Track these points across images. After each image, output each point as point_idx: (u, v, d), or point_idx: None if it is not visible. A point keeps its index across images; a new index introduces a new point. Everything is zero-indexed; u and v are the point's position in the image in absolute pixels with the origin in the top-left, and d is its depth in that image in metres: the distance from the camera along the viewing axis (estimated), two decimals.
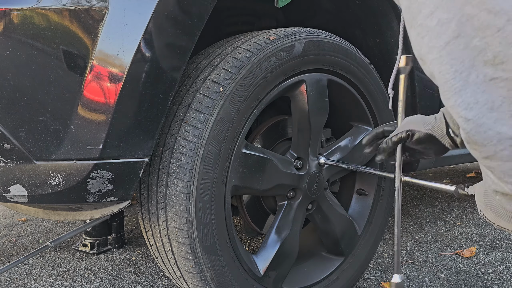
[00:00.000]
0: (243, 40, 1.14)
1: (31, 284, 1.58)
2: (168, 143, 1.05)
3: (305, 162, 1.28)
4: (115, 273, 1.67)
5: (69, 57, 0.89)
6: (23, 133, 0.90)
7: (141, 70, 0.93)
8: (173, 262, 1.11)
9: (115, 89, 0.91)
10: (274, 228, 1.26)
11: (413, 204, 2.67)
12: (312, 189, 1.28)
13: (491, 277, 1.61)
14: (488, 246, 1.92)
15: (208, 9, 1.02)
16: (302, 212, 1.30)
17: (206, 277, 1.07)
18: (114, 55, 0.90)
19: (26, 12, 0.87)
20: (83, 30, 0.89)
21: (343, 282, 1.42)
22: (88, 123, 0.91)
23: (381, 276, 1.62)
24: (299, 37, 1.17)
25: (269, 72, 1.11)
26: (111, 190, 0.97)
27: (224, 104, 1.04)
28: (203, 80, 1.07)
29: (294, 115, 1.26)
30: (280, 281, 1.25)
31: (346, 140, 1.42)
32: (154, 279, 1.61)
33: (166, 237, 1.08)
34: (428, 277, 1.61)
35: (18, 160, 0.92)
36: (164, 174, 1.04)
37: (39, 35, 0.87)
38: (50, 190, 0.94)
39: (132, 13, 0.92)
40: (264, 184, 1.17)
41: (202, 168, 1.02)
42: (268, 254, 1.22)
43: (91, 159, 0.93)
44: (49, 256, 1.85)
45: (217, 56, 1.11)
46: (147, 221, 1.13)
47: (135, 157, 0.97)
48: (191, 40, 0.99)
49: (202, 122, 1.02)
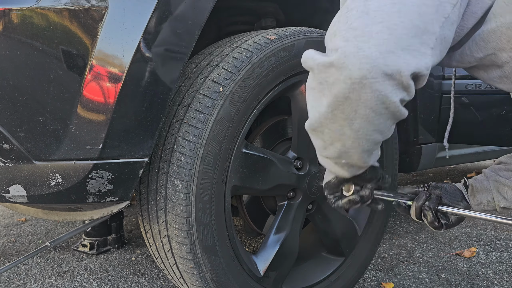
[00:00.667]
0: (243, 40, 1.14)
1: (30, 284, 1.58)
2: (168, 143, 1.05)
3: (305, 162, 1.27)
4: (114, 274, 1.66)
5: (69, 57, 0.88)
6: (23, 133, 0.90)
7: (140, 70, 0.92)
8: (173, 263, 1.11)
9: (114, 89, 0.91)
10: (274, 229, 1.25)
11: None
12: (312, 189, 1.28)
13: (491, 277, 1.61)
14: (489, 246, 1.92)
15: (208, 8, 1.02)
16: (302, 213, 1.30)
17: (206, 278, 1.07)
18: (114, 55, 0.90)
19: (25, 12, 0.86)
20: (83, 30, 0.89)
21: (343, 282, 1.42)
22: (87, 123, 0.91)
23: (381, 276, 1.62)
24: (299, 37, 1.17)
25: (269, 72, 1.11)
26: (111, 190, 0.96)
27: (224, 104, 1.04)
28: (203, 80, 1.06)
29: (294, 115, 1.26)
30: (280, 281, 1.25)
31: None
32: (153, 279, 1.61)
33: (166, 238, 1.08)
34: (428, 278, 1.61)
35: (17, 160, 0.92)
36: (164, 174, 1.04)
37: (39, 35, 0.87)
38: (49, 190, 0.94)
39: (132, 13, 0.91)
40: (264, 184, 1.17)
41: (202, 168, 1.02)
42: (268, 255, 1.22)
43: (90, 159, 0.93)
44: (48, 257, 1.85)
45: (217, 56, 1.11)
46: (146, 222, 1.12)
47: (135, 157, 0.97)
48: (191, 39, 0.99)
49: (202, 122, 1.02)
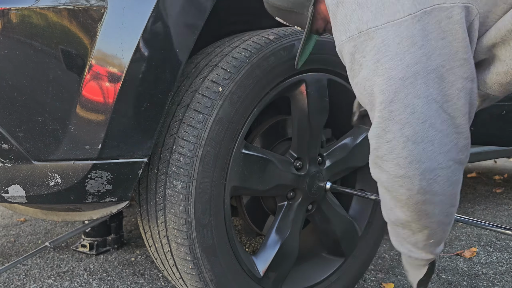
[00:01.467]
0: (242, 40, 1.13)
1: (30, 284, 1.57)
2: (167, 144, 1.04)
3: (305, 163, 1.27)
4: (114, 274, 1.66)
5: (68, 56, 0.88)
6: (22, 133, 0.90)
7: (140, 70, 0.92)
8: (172, 263, 1.11)
9: (113, 89, 0.91)
10: (274, 229, 1.25)
11: None
12: (312, 189, 1.28)
13: (492, 277, 1.60)
14: (489, 246, 1.92)
15: (208, 8, 1.02)
16: (302, 213, 1.29)
17: (205, 278, 1.07)
18: (113, 55, 0.90)
19: (24, 11, 0.86)
20: (82, 29, 0.88)
21: (344, 283, 1.42)
22: (86, 123, 0.91)
23: (382, 277, 1.62)
24: (299, 37, 1.17)
25: (269, 72, 1.11)
26: (110, 190, 0.96)
27: (223, 104, 1.03)
28: (202, 80, 1.06)
29: (294, 115, 1.25)
30: (280, 282, 1.25)
31: (346, 140, 1.41)
32: (153, 280, 1.61)
33: (165, 238, 1.07)
34: None
35: (16, 160, 0.92)
36: (163, 175, 1.04)
37: (38, 34, 0.87)
38: (48, 190, 0.94)
39: (131, 13, 0.91)
40: (264, 185, 1.17)
41: (201, 169, 1.01)
42: (267, 255, 1.22)
43: (89, 159, 0.92)
44: (48, 257, 1.85)
45: (216, 56, 1.11)
46: (146, 222, 1.12)
47: (134, 158, 0.96)
48: (190, 39, 0.99)
49: (201, 122, 1.02)
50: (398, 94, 0.74)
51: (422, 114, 0.74)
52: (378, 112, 0.77)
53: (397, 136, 0.76)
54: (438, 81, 0.74)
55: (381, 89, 0.75)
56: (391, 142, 0.76)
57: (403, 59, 0.74)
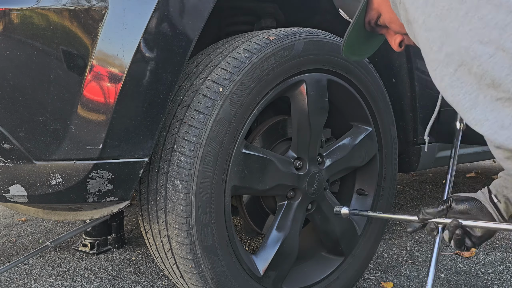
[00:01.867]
0: (242, 40, 1.14)
1: (31, 284, 1.58)
2: (168, 143, 1.05)
3: (304, 162, 1.28)
4: (115, 273, 1.67)
5: (69, 57, 0.89)
6: (23, 133, 0.90)
7: (140, 70, 0.93)
8: (173, 262, 1.11)
9: (114, 89, 0.91)
10: (274, 228, 1.26)
11: (413, 204, 2.67)
12: (312, 189, 1.28)
13: (491, 277, 1.61)
14: (488, 246, 1.92)
15: (208, 8, 1.02)
16: (302, 212, 1.30)
17: (205, 277, 1.07)
18: (114, 55, 0.90)
19: (25, 12, 0.87)
20: (83, 30, 0.89)
21: (343, 282, 1.42)
22: (87, 123, 0.91)
23: (381, 276, 1.62)
24: (298, 37, 1.17)
25: (269, 72, 1.11)
26: (111, 190, 0.97)
27: (224, 104, 1.04)
28: (202, 80, 1.07)
29: (294, 115, 1.26)
30: (280, 281, 1.25)
31: (345, 140, 1.42)
32: (154, 279, 1.61)
33: (166, 237, 1.08)
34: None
35: (17, 160, 0.92)
36: (164, 174, 1.04)
37: (39, 35, 0.87)
38: (49, 190, 0.94)
39: (132, 13, 0.92)
40: (264, 184, 1.17)
41: (202, 168, 1.02)
42: (267, 254, 1.22)
43: (90, 159, 0.93)
44: (49, 256, 1.85)
45: (216, 56, 1.11)
46: (146, 221, 1.13)
47: (135, 157, 0.97)
48: (191, 40, 1.00)
49: (202, 122, 1.02)
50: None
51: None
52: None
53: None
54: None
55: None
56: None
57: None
